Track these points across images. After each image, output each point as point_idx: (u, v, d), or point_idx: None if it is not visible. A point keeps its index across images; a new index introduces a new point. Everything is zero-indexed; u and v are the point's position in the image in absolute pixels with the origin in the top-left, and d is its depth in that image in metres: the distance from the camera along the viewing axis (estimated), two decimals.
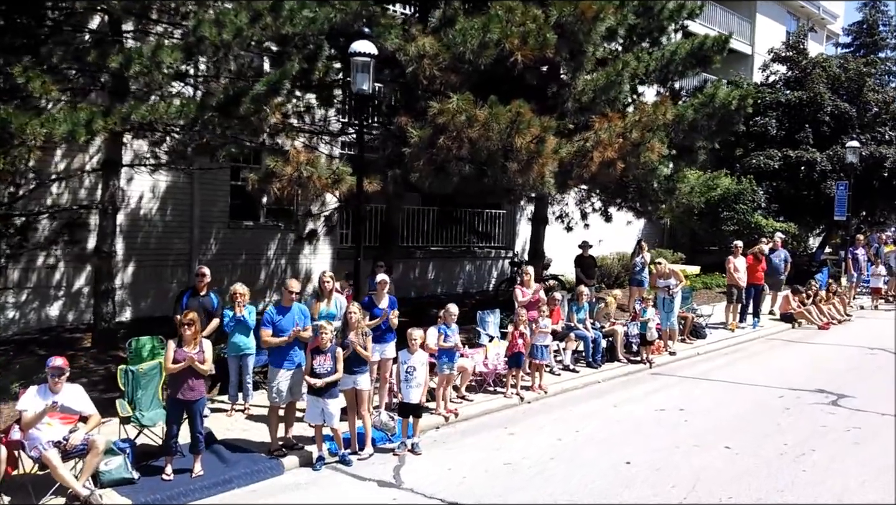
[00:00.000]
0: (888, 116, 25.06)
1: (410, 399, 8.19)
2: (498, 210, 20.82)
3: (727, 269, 16.05)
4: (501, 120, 9.75)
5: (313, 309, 8.96)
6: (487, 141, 9.91)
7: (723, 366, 12.87)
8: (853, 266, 20.46)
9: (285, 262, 15.97)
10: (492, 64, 10.59)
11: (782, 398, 10.39)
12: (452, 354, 9.35)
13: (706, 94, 14.39)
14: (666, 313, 13.47)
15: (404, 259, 18.36)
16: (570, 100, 11.78)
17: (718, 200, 23.45)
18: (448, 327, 9.39)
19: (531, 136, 9.95)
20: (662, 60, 15.45)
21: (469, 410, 9.76)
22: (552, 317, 11.98)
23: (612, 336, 12.80)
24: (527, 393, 10.55)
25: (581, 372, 11.92)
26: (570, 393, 10.93)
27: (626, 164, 12.21)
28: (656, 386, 11.38)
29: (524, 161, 9.97)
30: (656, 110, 12.19)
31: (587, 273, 15.94)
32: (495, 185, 10.82)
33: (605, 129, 11.96)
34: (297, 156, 9.78)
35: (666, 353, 13.41)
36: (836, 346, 14.69)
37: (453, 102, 9.80)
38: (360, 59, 9.02)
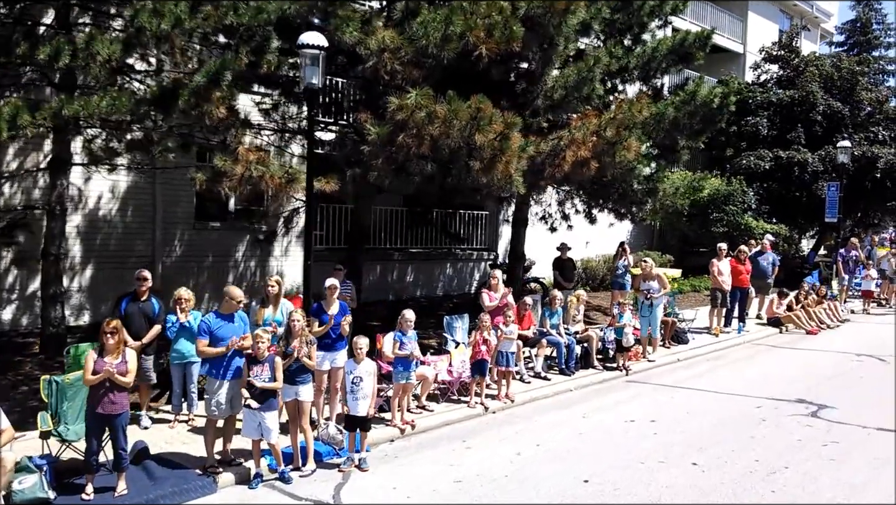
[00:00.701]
0: (882, 116, 24.57)
1: (357, 411, 7.68)
2: (480, 211, 20.32)
3: (710, 272, 15.55)
4: (462, 116, 9.26)
5: (257, 315, 8.48)
6: (448, 138, 9.40)
7: (703, 373, 12.36)
8: (843, 269, 19.93)
9: (255, 264, 15.48)
10: (456, 58, 10.08)
11: (760, 409, 9.88)
12: (408, 362, 8.84)
13: (687, 92, 13.95)
14: (645, 318, 12.96)
15: (382, 261, 17.90)
16: (541, 96, 11.28)
17: (708, 202, 23.01)
18: (404, 334, 8.88)
19: (494, 133, 9.44)
20: (644, 57, 15.02)
21: (428, 420, 9.26)
22: (523, 322, 11.52)
23: (587, 342, 12.30)
24: (492, 402, 10.04)
25: (553, 380, 11.41)
26: (539, 402, 10.43)
27: (601, 164, 11.73)
28: (630, 395, 10.87)
29: (487, 159, 9.46)
30: (632, 108, 11.69)
31: (566, 276, 15.43)
32: (460, 185, 10.33)
33: (580, 127, 11.53)
34: (247, 154, 9.30)
35: (644, 359, 12.89)
36: (822, 352, 14.18)
37: (412, 98, 9.30)
38: (310, 51, 8.53)
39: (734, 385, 11.34)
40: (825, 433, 8.73)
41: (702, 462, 7.65)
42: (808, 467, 7.48)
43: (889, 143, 24.40)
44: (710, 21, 28.72)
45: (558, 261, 15.63)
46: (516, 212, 17.35)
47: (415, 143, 9.53)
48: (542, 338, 11.70)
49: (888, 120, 24.65)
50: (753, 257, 17.36)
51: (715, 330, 15.35)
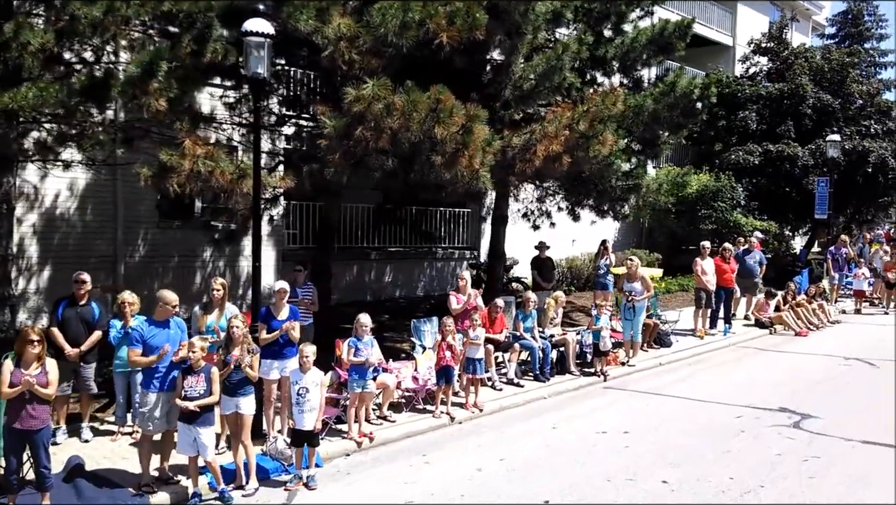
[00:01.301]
0: (873, 109, 24.06)
1: (303, 425, 7.16)
2: (461, 209, 19.78)
3: (694, 271, 15.06)
4: (421, 108, 8.72)
5: (199, 322, 7.94)
6: (408, 132, 8.86)
7: (684, 378, 11.86)
8: (834, 267, 19.43)
9: (224, 264, 14.92)
10: (416, 47, 9.54)
11: (739, 418, 9.37)
12: (364, 370, 8.31)
13: (667, 84, 13.43)
14: (627, 321, 12.45)
15: (359, 260, 17.38)
16: (509, 87, 10.73)
17: (696, 198, 22.50)
18: (359, 340, 8.37)
19: (456, 126, 8.90)
20: (623, 48, 14.50)
21: (389, 432, 8.74)
22: (495, 326, 11.01)
23: (564, 346, 11.78)
24: (459, 412, 9.53)
25: (526, 386, 10.89)
26: (509, 411, 9.92)
27: (574, 159, 11.20)
28: (606, 402, 10.37)
29: (449, 153, 8.92)
30: (606, 100, 11.14)
31: (545, 276, 14.91)
32: (423, 181, 9.78)
33: (552, 120, 11.01)
34: (193, 149, 8.72)
35: (624, 364, 12.38)
36: (809, 355, 13.68)
37: (368, 88, 8.75)
38: (254, 39, 7.96)
39: (715, 391, 10.83)
40: (806, 446, 8.22)
41: (672, 480, 7.14)
42: (785, 486, 6.97)
43: (881, 137, 23.89)
44: (699, 13, 28.18)
45: (537, 260, 15.11)
46: (496, 209, 16.81)
47: (373, 136, 8.99)
48: (516, 342, 11.18)
49: (880, 113, 24.13)
50: (740, 256, 16.88)
51: (699, 332, 14.85)
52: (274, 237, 15.70)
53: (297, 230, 16.35)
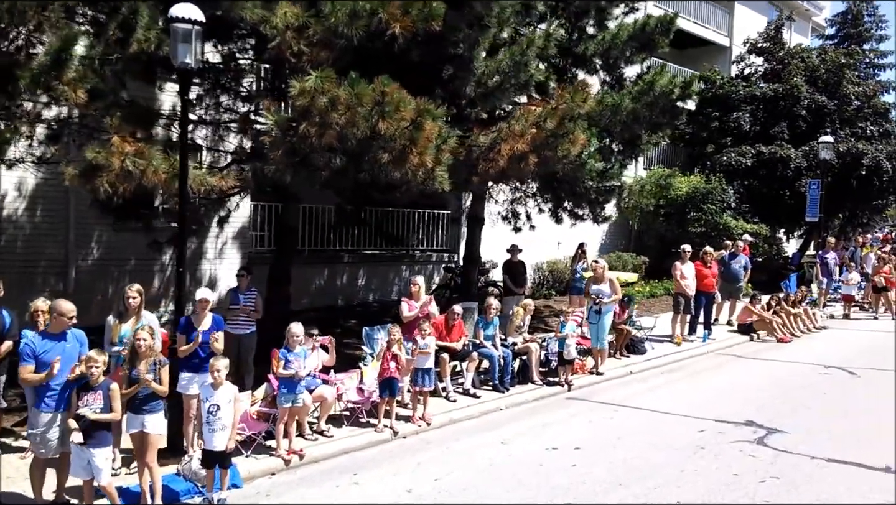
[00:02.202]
0: (870, 111, 23.41)
1: (213, 445, 6.63)
2: (440, 210, 19.25)
3: (673, 276, 14.47)
4: (366, 101, 8.16)
5: (113, 332, 7.42)
6: (354, 127, 8.31)
7: (654, 388, 11.29)
8: (822, 272, 18.80)
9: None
10: (368, 38, 9.02)
11: (702, 433, 8.80)
12: (294, 383, 7.79)
13: (646, 82, 12.87)
14: (594, 326, 11.89)
15: (330, 264, 16.87)
16: (472, 83, 10.17)
17: (685, 200, 21.92)
18: (290, 351, 7.84)
19: (405, 121, 8.36)
20: (603, 45, 13.95)
21: (324, 448, 8.21)
22: (452, 333, 10.47)
23: (527, 354, 11.22)
24: (404, 426, 8.99)
25: (483, 397, 10.34)
26: (460, 425, 9.36)
27: (541, 158, 10.65)
28: (565, 415, 9.81)
29: (397, 151, 8.38)
30: (575, 96, 10.57)
31: (516, 280, 14.36)
32: (374, 180, 9.23)
33: (519, 118, 10.49)
34: (122, 146, 8.19)
35: (592, 372, 11.82)
36: (788, 363, 13.09)
37: (311, 81, 8.20)
38: (181, 26, 7.45)
39: (683, 403, 10.27)
40: (768, 465, 7.65)
41: (615, 503, 6.57)
42: None
43: (878, 139, 23.26)
44: (694, 13, 27.65)
45: (508, 264, 14.58)
46: (471, 211, 16.29)
47: (317, 132, 8.45)
48: (474, 350, 10.63)
49: (877, 115, 23.49)
50: (726, 260, 16.32)
51: (677, 338, 14.27)
52: (239, 240, 15.22)
53: (266, 232, 15.85)
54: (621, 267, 20.89)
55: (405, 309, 9.93)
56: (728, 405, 10.07)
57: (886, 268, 18.43)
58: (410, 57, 9.35)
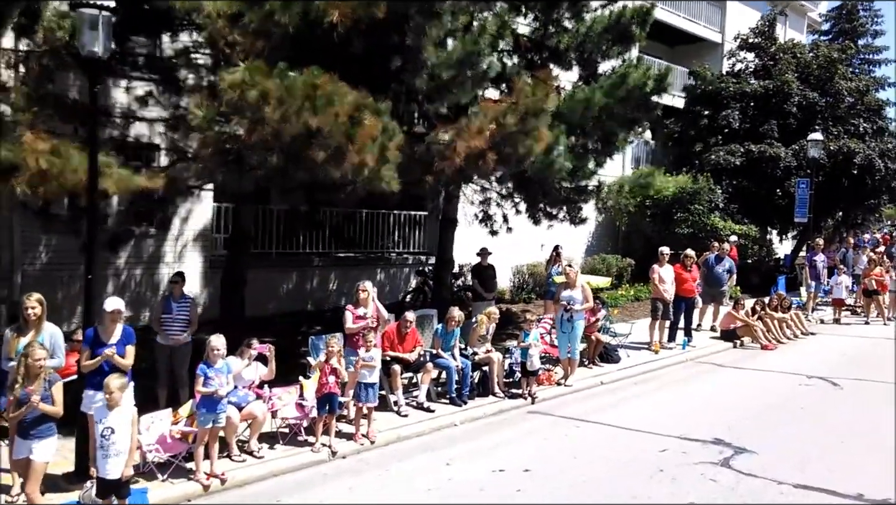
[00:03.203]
0: (863, 107, 22.72)
1: (107, 473, 5.99)
2: (417, 212, 18.62)
3: (651, 279, 13.83)
4: (296, 94, 7.54)
5: (10, 345, 6.80)
6: (286, 123, 7.69)
7: (623, 401, 10.65)
8: (811, 274, 18.11)
9: (141, 272, 13.77)
10: (307, 27, 8.42)
11: (664, 453, 8.16)
12: (214, 402, 7.17)
13: (617, 75, 12.24)
14: (564, 335, 11.25)
15: (299, 267, 16.23)
16: (425, 76, 9.51)
17: (672, 200, 21.25)
18: (209, 366, 7.21)
19: (342, 116, 7.73)
20: (577, 37, 13.31)
21: (249, 471, 7.58)
22: (405, 343, 9.85)
23: (488, 365, 10.59)
24: (345, 444, 8.37)
25: (438, 412, 9.70)
26: (407, 443, 8.73)
27: (501, 157, 10.03)
28: (522, 431, 9.18)
29: (333, 148, 7.75)
30: (537, 90, 9.94)
31: (486, 285, 13.71)
32: (314, 181, 8.61)
33: (476, 114, 9.88)
34: (34, 144, 7.59)
35: (560, 383, 11.19)
36: (770, 372, 12.44)
37: (239, 73, 7.59)
38: (87, 11, 6.86)
39: (651, 417, 9.63)
40: (729, 491, 7.01)
41: None
42: None
43: (871, 137, 22.56)
44: (685, 8, 27.00)
45: (477, 268, 13.94)
46: (444, 212, 15.70)
47: (247, 128, 7.85)
48: (430, 361, 10.00)
49: (870, 111, 22.78)
50: (710, 263, 15.66)
51: (654, 346, 13.61)
52: (200, 242, 14.59)
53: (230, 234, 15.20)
54: (605, 270, 20.27)
55: (349, 318, 9.29)
56: (698, 420, 9.43)
57: (877, 270, 17.76)
58: (353, 47, 8.73)
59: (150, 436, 7.33)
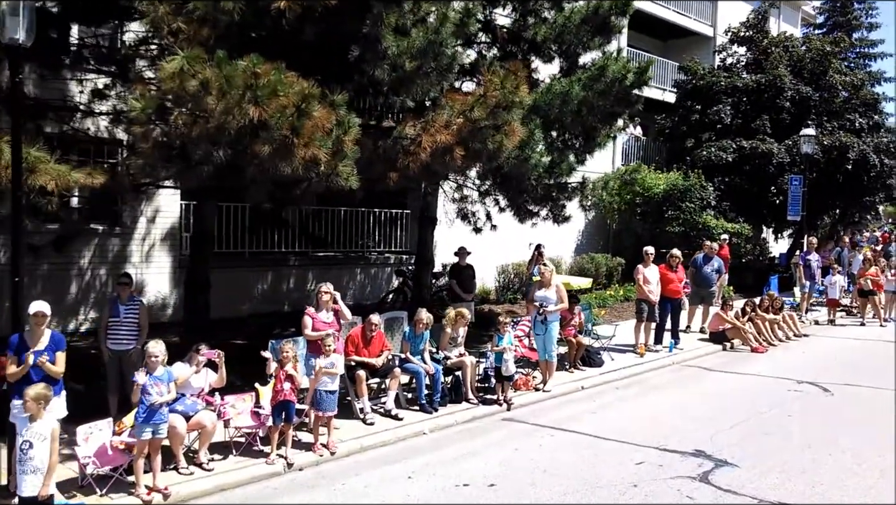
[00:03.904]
0: (858, 102, 22.21)
1: (23, 491, 5.50)
2: (400, 210, 18.12)
3: (636, 280, 13.33)
4: (237, 83, 7.04)
5: None
6: (228, 115, 7.18)
7: (603, 407, 10.16)
8: (805, 274, 17.60)
9: (105, 272, 13.26)
10: (254, 14, 7.93)
11: (640, 465, 7.67)
12: (153, 412, 6.66)
13: (596, 67, 11.75)
14: (539, 337, 10.76)
15: (275, 267, 15.74)
16: (386, 67, 8.99)
17: (662, 198, 20.75)
18: (149, 374, 6.70)
19: (289, 106, 7.23)
20: (556, 29, 12.79)
21: (195, 485, 7.08)
22: (371, 347, 9.35)
23: (461, 370, 10.09)
24: (302, 456, 7.88)
25: (406, 419, 9.20)
26: (370, 453, 8.23)
27: (469, 152, 9.52)
28: (494, 440, 8.68)
29: (277, 141, 7.24)
30: (506, 82, 9.42)
31: (464, 286, 13.19)
32: (263, 176, 8.10)
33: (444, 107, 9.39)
34: None
35: (538, 388, 10.70)
36: (759, 377, 11.94)
37: (177, 61, 7.08)
38: None
39: (629, 425, 9.13)
40: None
41: None
42: None
43: (867, 132, 22.06)
44: (676, 2, 26.48)
45: (456, 268, 13.43)
46: (423, 209, 15.20)
47: (187, 120, 7.35)
48: (398, 366, 9.50)
49: (866, 106, 22.27)
50: (699, 263, 15.18)
51: (640, 349, 13.11)
52: (169, 241, 14.08)
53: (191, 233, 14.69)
54: (594, 269, 19.77)
55: (308, 323, 8.78)
56: (679, 429, 8.94)
57: (873, 270, 17.26)
58: (305, 36, 8.23)
59: (88, 447, 6.87)
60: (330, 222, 16.76)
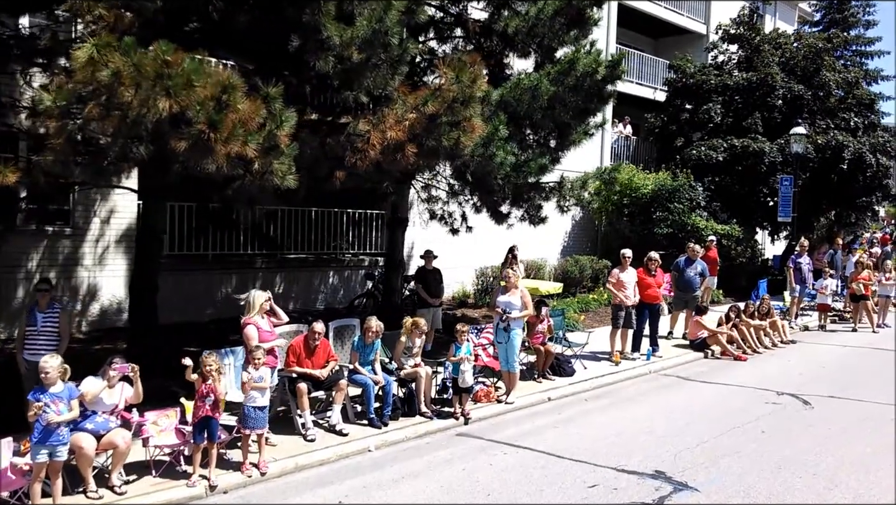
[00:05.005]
0: (853, 101, 21.53)
1: None
2: (374, 211, 17.52)
3: (609, 284, 12.72)
4: (147, 73, 6.44)
5: None
6: (143, 108, 6.59)
7: (566, 421, 9.54)
8: (795, 278, 16.93)
9: (56, 275, 12.65)
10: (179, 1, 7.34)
11: (593, 488, 7.04)
12: (50, 432, 6.08)
13: (566, 62, 11.15)
14: (501, 345, 10.15)
15: (240, 270, 15.13)
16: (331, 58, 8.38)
17: (650, 199, 20.13)
18: (44, 392, 6.11)
19: (208, 98, 6.63)
20: (527, 21, 12.18)
21: None
22: (315, 357, 8.74)
23: (414, 381, 9.47)
24: (229, 477, 7.27)
25: (352, 435, 8.59)
26: (303, 473, 7.62)
27: (423, 149, 8.92)
28: (442, 459, 8.07)
29: (193, 137, 6.64)
30: (462, 75, 8.81)
31: (431, 290, 12.56)
32: (190, 175, 7.51)
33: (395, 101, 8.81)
34: None
35: (500, 400, 10.09)
36: (737, 388, 11.30)
37: (86, 49, 6.50)
38: None
39: (590, 442, 8.51)
40: None
41: None
42: None
43: (863, 132, 21.39)
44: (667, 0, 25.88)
45: (422, 272, 12.79)
46: (393, 210, 14.62)
47: (99, 113, 6.76)
48: (344, 378, 8.89)
49: (861, 105, 21.59)
50: (679, 266, 14.56)
51: (615, 357, 12.48)
52: (125, 243, 13.49)
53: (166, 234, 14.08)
54: (578, 272, 19.11)
55: (253, 335, 8.17)
56: (644, 446, 8.32)
57: (865, 273, 16.58)
58: (237, 24, 7.63)
59: None
60: (300, 223, 16.16)
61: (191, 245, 14.24)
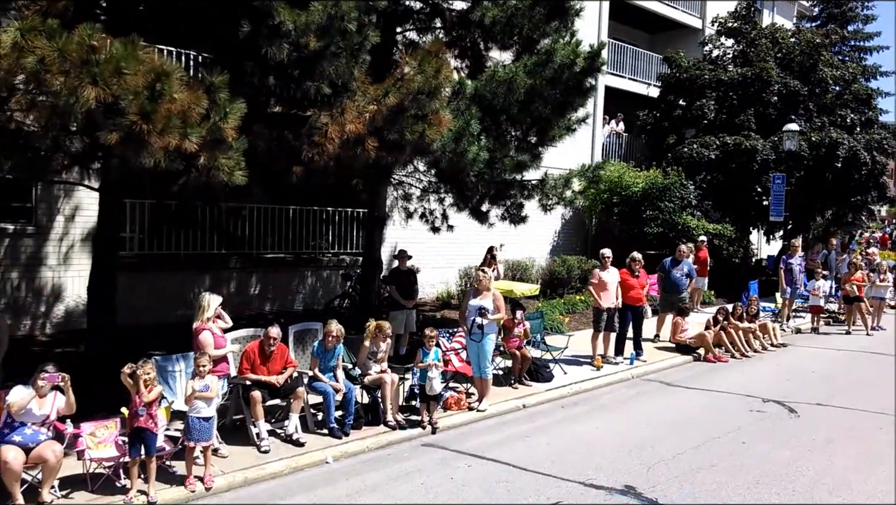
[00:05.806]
0: (850, 97, 21.04)
1: None
2: (356, 209, 17.05)
3: (590, 285, 12.27)
4: (73, 59, 5.99)
5: None
6: (72, 97, 6.13)
7: (539, 429, 9.08)
8: (786, 279, 16.45)
9: (19, 275, 12.22)
10: None
11: None
12: None
13: (542, 53, 10.70)
14: (472, 350, 9.70)
15: (213, 270, 14.66)
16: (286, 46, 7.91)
17: (640, 197, 19.66)
18: None
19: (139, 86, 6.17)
20: (506, 10, 11.71)
21: None
22: (271, 363, 8.28)
23: (380, 388, 9.01)
24: (171, 492, 6.82)
25: (309, 445, 8.14)
26: (251, 488, 7.17)
27: (386, 143, 8.49)
28: (401, 471, 7.61)
29: (124, 129, 6.18)
30: (426, 64, 8.37)
31: (404, 292, 12.09)
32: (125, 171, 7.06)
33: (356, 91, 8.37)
34: None
35: (472, 407, 9.63)
36: (722, 394, 10.83)
37: (10, 33, 6.05)
38: None
39: (559, 454, 8.06)
40: None
41: None
42: None
43: (860, 128, 20.91)
44: None
45: (395, 273, 12.33)
46: (370, 208, 14.17)
47: (28, 103, 6.32)
48: (301, 385, 8.43)
49: (858, 102, 21.10)
50: (665, 267, 14.10)
51: (597, 361, 12.02)
52: (90, 242, 12.98)
53: (134, 233, 13.66)
54: (565, 272, 18.64)
55: (209, 342, 7.72)
56: (616, 458, 7.86)
57: (859, 274, 16.11)
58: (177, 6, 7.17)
59: None
60: (278, 222, 15.70)
61: (161, 244, 13.78)
